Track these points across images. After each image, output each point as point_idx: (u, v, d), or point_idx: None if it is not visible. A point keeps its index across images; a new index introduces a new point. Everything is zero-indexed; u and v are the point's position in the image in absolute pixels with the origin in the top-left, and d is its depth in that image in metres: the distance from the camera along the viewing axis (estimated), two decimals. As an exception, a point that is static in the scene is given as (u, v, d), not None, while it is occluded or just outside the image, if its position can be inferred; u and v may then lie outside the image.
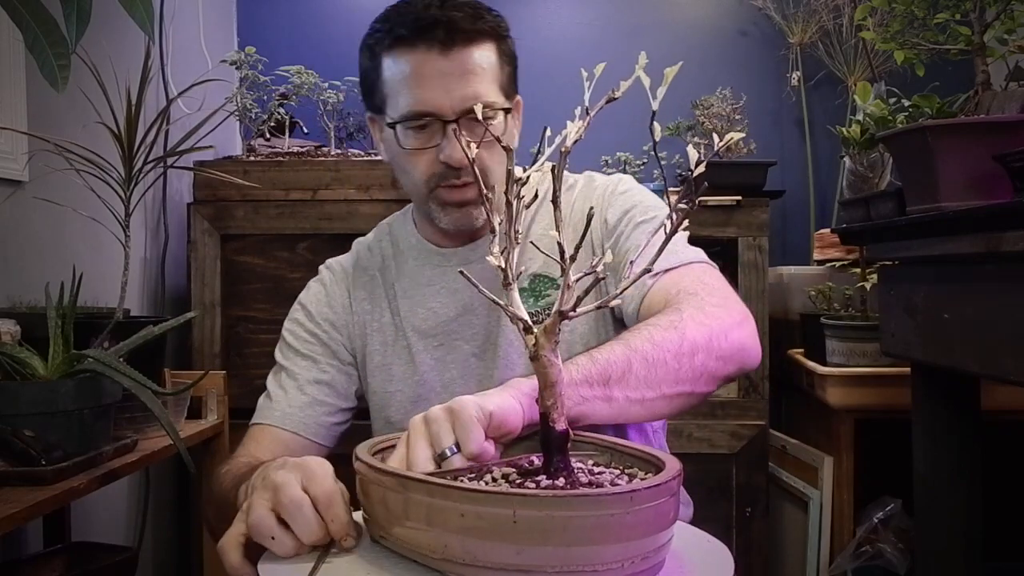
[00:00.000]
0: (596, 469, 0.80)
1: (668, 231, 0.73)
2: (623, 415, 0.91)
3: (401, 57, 1.11)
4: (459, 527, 0.66)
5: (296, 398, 1.21)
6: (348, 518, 0.76)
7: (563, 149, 0.72)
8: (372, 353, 1.25)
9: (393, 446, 0.85)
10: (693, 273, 1.09)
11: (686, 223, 0.73)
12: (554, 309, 0.71)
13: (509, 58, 1.16)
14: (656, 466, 0.78)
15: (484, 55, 1.11)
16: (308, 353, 1.26)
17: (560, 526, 0.65)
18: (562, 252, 0.71)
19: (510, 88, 1.16)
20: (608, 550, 0.66)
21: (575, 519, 0.65)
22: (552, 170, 0.73)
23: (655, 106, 0.76)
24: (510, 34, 1.18)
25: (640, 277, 0.72)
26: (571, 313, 0.70)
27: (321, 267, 1.36)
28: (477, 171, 0.73)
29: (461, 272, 0.76)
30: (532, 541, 0.65)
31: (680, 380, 0.93)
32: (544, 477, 0.73)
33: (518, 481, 0.75)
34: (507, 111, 1.13)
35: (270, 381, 1.27)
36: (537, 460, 0.81)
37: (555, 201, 0.72)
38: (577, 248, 0.69)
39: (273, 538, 0.75)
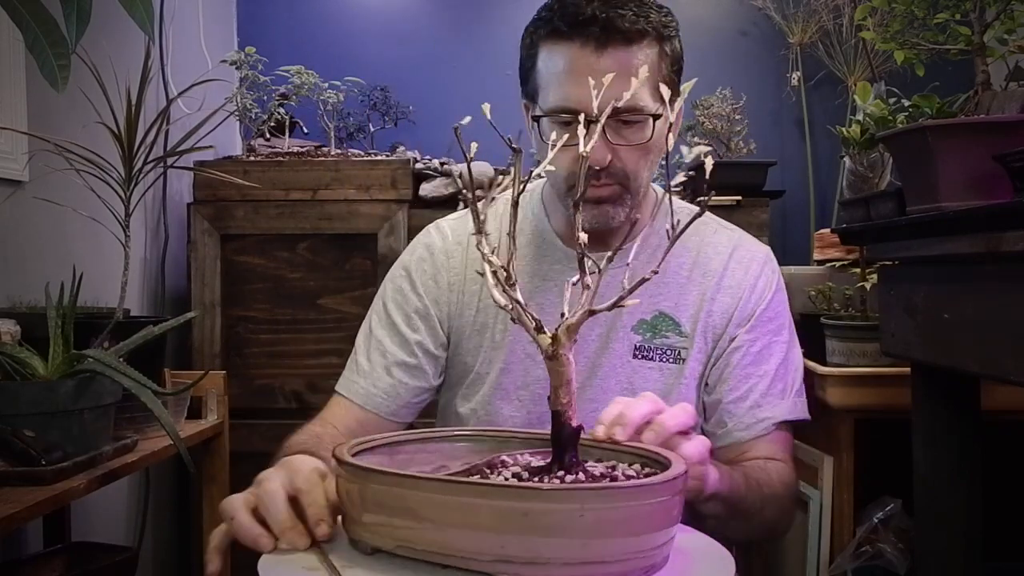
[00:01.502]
0: (599, 464, 0.81)
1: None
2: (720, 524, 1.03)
3: (556, 50, 1.09)
4: (522, 526, 0.66)
5: (382, 379, 1.20)
6: (324, 503, 0.78)
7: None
8: (466, 334, 1.22)
9: (375, 448, 0.86)
10: (789, 443, 1.23)
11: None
12: (579, 309, 0.73)
13: (672, 59, 1.13)
14: (656, 463, 0.80)
15: (642, 56, 1.08)
16: (403, 330, 1.22)
17: (623, 517, 0.68)
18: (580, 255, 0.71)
19: (670, 87, 1.13)
20: (655, 537, 0.71)
21: (640, 508, 0.69)
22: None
23: (672, 117, 0.77)
24: (677, 33, 1.14)
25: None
26: (595, 308, 0.73)
27: (431, 227, 1.28)
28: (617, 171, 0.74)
29: (479, 272, 0.77)
30: (600, 534, 0.67)
31: (749, 532, 1.17)
32: (563, 473, 0.75)
33: (535, 479, 0.76)
34: (656, 117, 1.09)
35: (360, 342, 1.24)
36: (534, 459, 0.82)
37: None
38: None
39: (255, 538, 0.78)
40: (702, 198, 0.76)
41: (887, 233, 1.34)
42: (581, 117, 0.81)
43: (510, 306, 0.75)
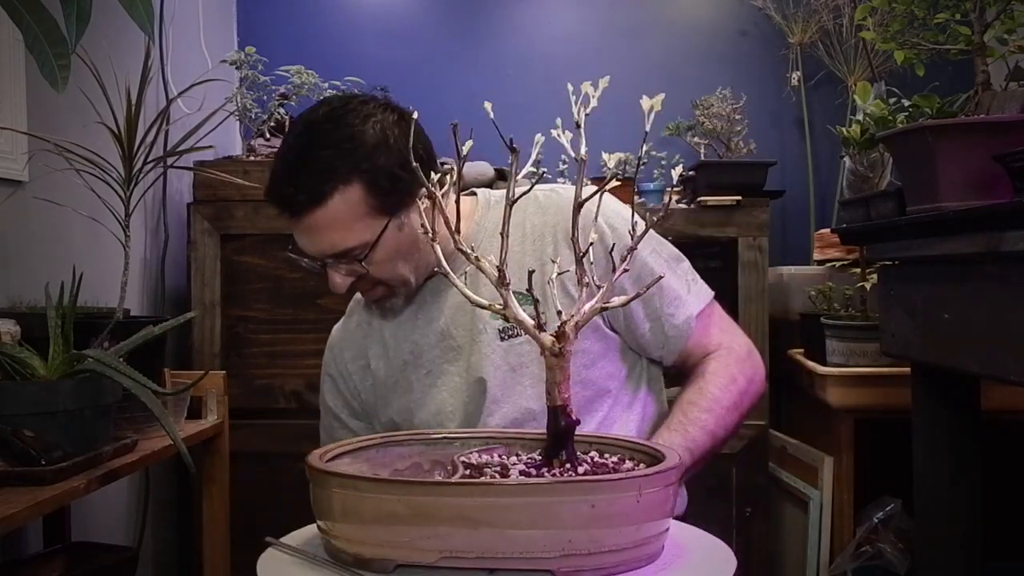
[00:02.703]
0: (594, 455, 0.85)
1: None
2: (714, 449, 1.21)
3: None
4: (588, 517, 0.69)
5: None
6: None
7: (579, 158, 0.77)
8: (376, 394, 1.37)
9: (349, 452, 0.88)
10: (715, 318, 1.31)
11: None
12: (587, 306, 0.75)
13: (372, 181, 1.18)
14: (647, 454, 0.83)
15: (336, 206, 1.17)
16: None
17: (664, 498, 0.74)
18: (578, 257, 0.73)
19: (389, 205, 1.20)
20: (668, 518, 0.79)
21: (671, 489, 0.75)
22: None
23: (648, 126, 0.79)
24: (368, 156, 1.19)
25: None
26: (608, 304, 0.79)
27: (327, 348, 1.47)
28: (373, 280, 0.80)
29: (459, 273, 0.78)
30: (651, 516, 0.72)
31: (740, 422, 1.27)
32: (568, 464, 0.78)
33: (545, 471, 0.78)
34: (371, 246, 1.20)
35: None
36: (492, 456, 0.85)
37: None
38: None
39: None
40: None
41: (887, 233, 1.34)
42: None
43: (500, 303, 0.76)
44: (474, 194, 1.35)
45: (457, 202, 0.86)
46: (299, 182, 1.18)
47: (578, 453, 0.82)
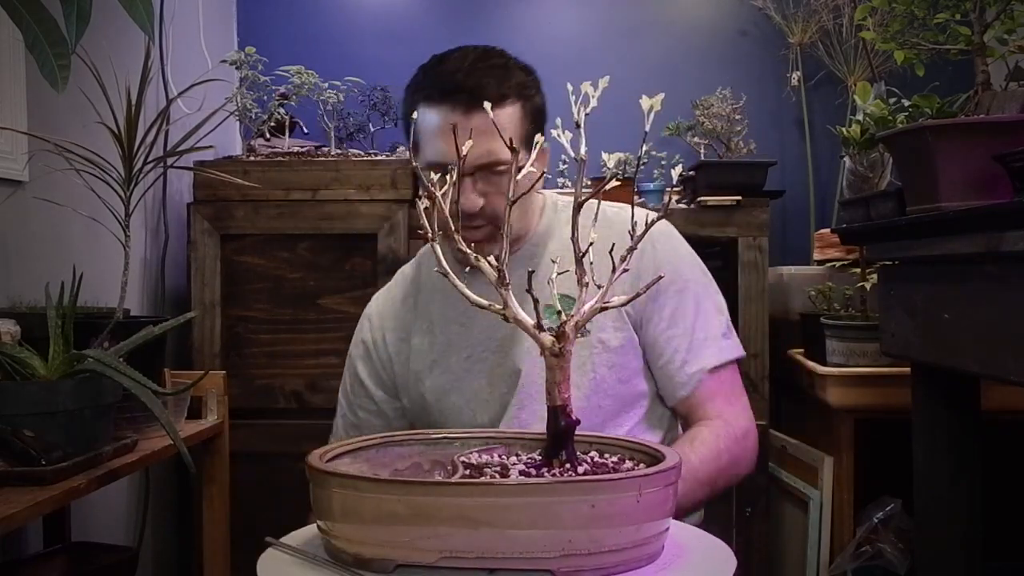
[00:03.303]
0: (594, 455, 0.85)
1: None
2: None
3: (429, 112, 1.25)
4: (588, 517, 0.69)
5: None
6: None
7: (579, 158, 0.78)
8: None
9: (349, 452, 0.88)
10: (727, 384, 1.31)
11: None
12: (587, 306, 0.76)
13: (533, 115, 1.27)
14: (647, 454, 0.83)
15: (504, 116, 1.22)
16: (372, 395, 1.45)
17: (664, 498, 0.74)
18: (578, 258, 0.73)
19: (529, 140, 1.24)
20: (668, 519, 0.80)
21: (671, 488, 0.75)
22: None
23: (647, 126, 0.80)
24: (539, 91, 1.29)
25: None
26: (608, 304, 0.80)
27: (363, 316, 1.46)
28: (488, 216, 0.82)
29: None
30: (651, 516, 0.72)
31: (709, 499, 1.26)
32: (568, 464, 0.79)
33: (545, 471, 0.79)
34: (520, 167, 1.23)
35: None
36: (492, 456, 0.85)
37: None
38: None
39: None
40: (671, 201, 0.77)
41: (887, 233, 1.34)
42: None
43: (500, 305, 0.76)
44: (541, 193, 1.40)
45: (457, 202, 0.86)
46: (484, 81, 1.21)
47: (578, 453, 0.82)
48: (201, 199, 2.13)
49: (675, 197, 2.21)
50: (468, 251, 0.82)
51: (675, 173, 0.89)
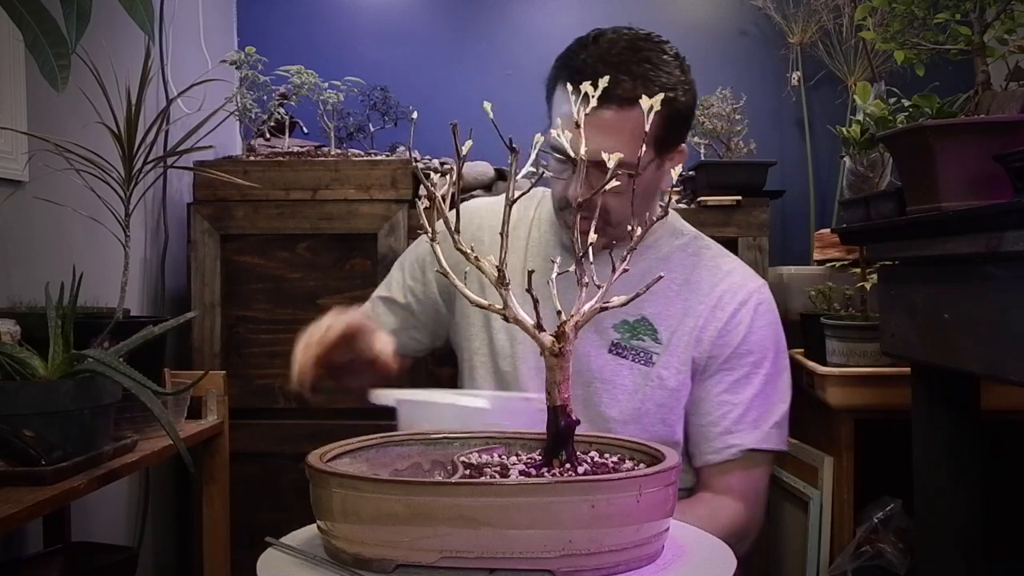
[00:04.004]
0: (594, 455, 0.86)
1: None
2: None
3: (565, 96, 1.20)
4: (588, 517, 0.69)
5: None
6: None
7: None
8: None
9: (349, 452, 0.88)
10: (756, 476, 1.31)
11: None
12: (587, 306, 0.77)
13: (672, 117, 1.23)
14: (647, 454, 0.84)
15: (636, 115, 1.16)
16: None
17: (664, 498, 0.74)
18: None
19: (664, 144, 1.23)
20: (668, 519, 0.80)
21: (672, 488, 0.75)
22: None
23: (647, 126, 0.80)
24: (686, 92, 1.27)
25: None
26: (608, 304, 0.78)
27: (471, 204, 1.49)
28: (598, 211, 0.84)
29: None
30: (651, 516, 0.72)
31: None
32: (568, 464, 0.79)
33: (545, 471, 0.79)
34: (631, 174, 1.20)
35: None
36: (492, 456, 0.86)
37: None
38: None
39: None
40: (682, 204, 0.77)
41: (887, 233, 1.34)
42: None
43: (500, 305, 0.76)
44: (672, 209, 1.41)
45: (457, 202, 0.86)
46: (634, 76, 1.19)
47: (578, 453, 0.82)
48: (201, 199, 2.13)
49: (675, 197, 2.21)
50: (467, 251, 0.81)
51: (675, 173, 0.90)
